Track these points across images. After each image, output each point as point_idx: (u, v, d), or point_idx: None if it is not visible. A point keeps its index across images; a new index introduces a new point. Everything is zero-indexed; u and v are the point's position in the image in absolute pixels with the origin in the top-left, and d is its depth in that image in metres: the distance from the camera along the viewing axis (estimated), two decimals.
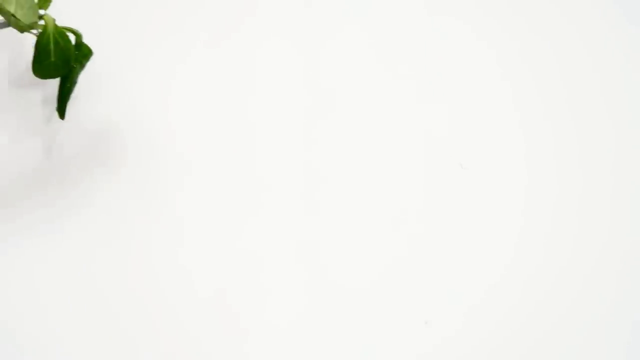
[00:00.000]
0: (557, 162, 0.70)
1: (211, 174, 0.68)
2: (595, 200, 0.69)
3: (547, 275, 0.67)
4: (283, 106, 0.70)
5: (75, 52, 0.63)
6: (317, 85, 0.70)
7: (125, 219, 0.66)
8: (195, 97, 0.69)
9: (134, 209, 0.67)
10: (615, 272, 0.68)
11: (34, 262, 0.65)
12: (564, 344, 0.66)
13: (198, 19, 0.71)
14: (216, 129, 0.69)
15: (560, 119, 0.71)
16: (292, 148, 0.69)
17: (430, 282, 0.67)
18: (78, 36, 0.63)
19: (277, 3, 0.71)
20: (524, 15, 0.72)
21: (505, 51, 0.72)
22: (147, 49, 0.69)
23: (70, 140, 0.67)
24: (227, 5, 0.71)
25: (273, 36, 0.71)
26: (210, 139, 0.69)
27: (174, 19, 0.70)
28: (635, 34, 0.72)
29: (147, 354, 0.64)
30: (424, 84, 0.71)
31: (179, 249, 0.66)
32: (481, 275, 0.67)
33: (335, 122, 0.70)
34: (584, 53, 0.72)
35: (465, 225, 0.68)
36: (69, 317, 0.65)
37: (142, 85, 0.69)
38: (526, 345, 0.66)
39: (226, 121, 0.69)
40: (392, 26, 0.72)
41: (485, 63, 0.71)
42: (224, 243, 0.67)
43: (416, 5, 0.72)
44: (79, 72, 0.64)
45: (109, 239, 0.66)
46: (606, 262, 0.68)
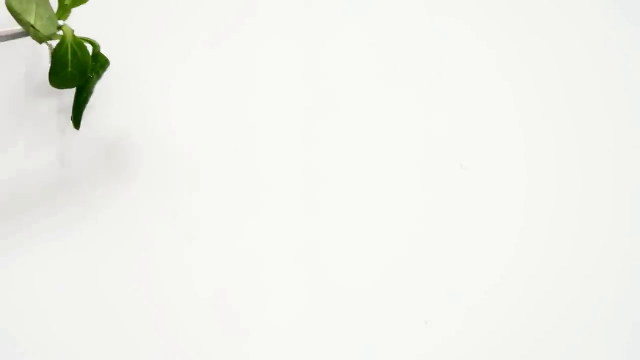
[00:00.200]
0: (557, 162, 0.70)
1: (211, 174, 0.68)
2: (596, 200, 0.69)
3: (547, 275, 0.67)
4: (283, 106, 0.70)
5: (92, 63, 0.63)
6: (317, 85, 0.70)
7: (129, 221, 0.67)
8: (197, 98, 0.69)
9: (138, 211, 0.67)
10: (615, 272, 0.68)
11: (46, 265, 0.65)
12: (564, 344, 0.66)
13: (199, 22, 0.71)
14: (216, 129, 0.69)
15: (560, 119, 0.71)
16: (292, 148, 0.69)
17: (430, 282, 0.67)
18: (95, 47, 0.63)
19: (277, 3, 0.71)
20: (524, 15, 0.73)
21: (505, 51, 0.72)
22: (154, 55, 0.70)
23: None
24: (228, 6, 0.71)
25: (273, 36, 0.71)
26: (210, 139, 0.69)
27: (183, 26, 0.70)
28: (636, 34, 0.73)
29: (147, 354, 0.64)
30: (424, 84, 0.71)
31: (178, 249, 0.66)
32: (481, 275, 0.67)
33: (335, 122, 0.70)
34: (584, 53, 0.72)
35: (465, 225, 0.68)
36: (70, 316, 0.65)
37: (150, 89, 0.69)
38: (526, 345, 0.66)
39: (226, 121, 0.69)
40: (392, 26, 0.72)
41: (485, 63, 0.72)
42: (224, 243, 0.67)
43: (416, 5, 0.72)
44: (95, 82, 0.64)
45: (114, 240, 0.66)
46: (606, 262, 0.68)
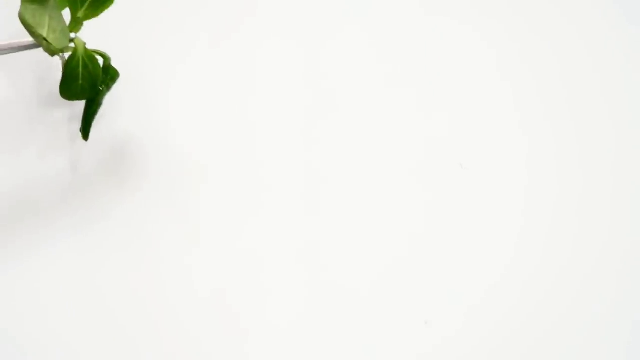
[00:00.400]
0: (557, 162, 0.70)
1: (211, 174, 0.68)
2: (596, 200, 0.69)
3: (547, 275, 0.67)
4: (283, 106, 0.70)
5: (102, 76, 0.63)
6: (317, 85, 0.70)
7: (133, 221, 0.67)
8: (200, 103, 0.69)
9: (142, 211, 0.67)
10: (615, 272, 0.68)
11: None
12: (564, 344, 0.66)
13: (199, 24, 0.71)
14: (217, 130, 0.69)
15: (560, 119, 0.71)
16: (293, 148, 0.69)
17: (430, 282, 0.67)
18: (106, 59, 0.63)
19: (277, 3, 0.71)
20: (524, 15, 0.72)
21: (505, 51, 0.72)
22: (157, 60, 0.70)
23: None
24: (229, 10, 0.71)
25: (273, 36, 0.71)
26: (211, 140, 0.69)
27: (184, 29, 0.70)
28: (636, 34, 0.72)
29: (147, 354, 0.64)
30: (424, 84, 0.71)
31: (179, 248, 0.66)
32: (481, 275, 0.67)
33: (335, 122, 0.70)
34: (585, 53, 0.72)
35: (465, 225, 0.68)
36: (71, 316, 0.65)
37: (154, 92, 0.69)
38: (526, 345, 0.66)
39: (227, 122, 0.69)
40: (393, 26, 0.72)
41: (485, 63, 0.72)
42: (224, 243, 0.67)
43: (416, 6, 0.72)
44: (105, 94, 0.64)
45: (119, 241, 0.66)
46: (606, 262, 0.68)
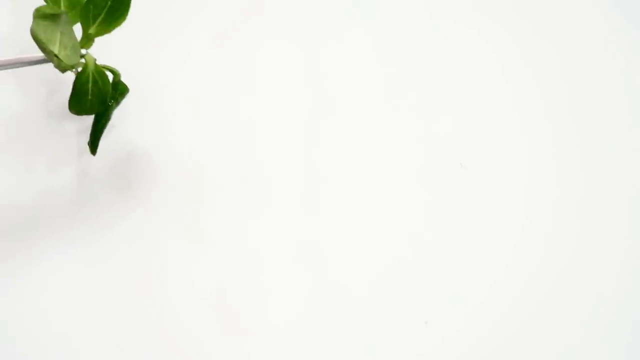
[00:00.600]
0: (558, 162, 0.70)
1: (211, 174, 0.68)
2: (596, 200, 0.69)
3: (547, 275, 0.67)
4: (284, 106, 0.70)
5: (112, 91, 0.63)
6: (318, 85, 0.70)
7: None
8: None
9: (143, 211, 0.67)
10: (615, 272, 0.68)
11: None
12: (564, 344, 0.66)
13: (201, 24, 0.71)
14: (218, 131, 0.69)
15: (561, 120, 0.71)
16: (294, 148, 0.69)
17: (430, 282, 0.67)
18: (116, 75, 0.63)
19: (279, 3, 0.72)
20: (528, 18, 0.73)
21: (508, 54, 0.72)
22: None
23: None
24: (231, 13, 0.71)
25: (274, 37, 0.71)
26: (210, 139, 0.69)
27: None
28: (638, 37, 0.73)
29: (147, 354, 0.64)
30: (425, 85, 0.71)
31: (178, 248, 0.66)
32: (481, 276, 0.67)
33: (337, 123, 0.70)
34: (587, 56, 0.72)
35: (466, 225, 0.68)
36: (78, 327, 0.65)
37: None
38: (526, 345, 0.66)
39: (227, 122, 0.69)
40: (395, 28, 0.72)
41: (487, 65, 0.72)
42: (224, 243, 0.67)
43: (420, 8, 0.72)
44: (114, 109, 0.64)
45: (121, 241, 0.66)
46: (606, 262, 0.68)
